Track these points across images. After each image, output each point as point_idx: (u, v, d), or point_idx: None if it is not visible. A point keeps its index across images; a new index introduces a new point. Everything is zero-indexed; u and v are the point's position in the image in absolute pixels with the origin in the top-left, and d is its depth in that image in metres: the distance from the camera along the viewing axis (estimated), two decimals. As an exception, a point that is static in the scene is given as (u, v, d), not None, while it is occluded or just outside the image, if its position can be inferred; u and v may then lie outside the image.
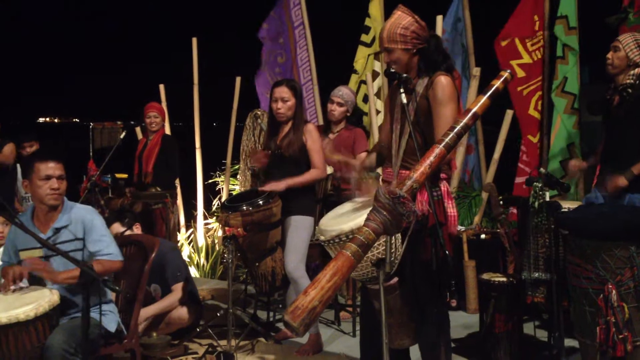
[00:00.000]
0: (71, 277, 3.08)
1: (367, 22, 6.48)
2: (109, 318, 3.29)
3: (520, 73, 5.65)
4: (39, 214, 3.27)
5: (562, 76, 5.37)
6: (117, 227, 4.22)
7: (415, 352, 3.13)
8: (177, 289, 4.29)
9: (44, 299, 2.94)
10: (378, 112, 6.04)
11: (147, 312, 4.14)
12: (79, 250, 3.20)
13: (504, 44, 5.64)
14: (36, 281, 3.24)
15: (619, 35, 4.14)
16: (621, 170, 3.76)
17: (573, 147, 5.34)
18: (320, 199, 4.61)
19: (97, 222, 3.28)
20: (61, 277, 3.10)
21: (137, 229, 4.39)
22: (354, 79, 6.44)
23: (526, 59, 5.68)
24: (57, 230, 3.21)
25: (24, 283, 3.27)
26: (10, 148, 5.71)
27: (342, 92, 4.95)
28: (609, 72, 4.07)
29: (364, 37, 6.49)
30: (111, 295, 3.40)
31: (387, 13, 6.12)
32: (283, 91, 4.15)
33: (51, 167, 3.18)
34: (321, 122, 6.43)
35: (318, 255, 4.73)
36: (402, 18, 2.98)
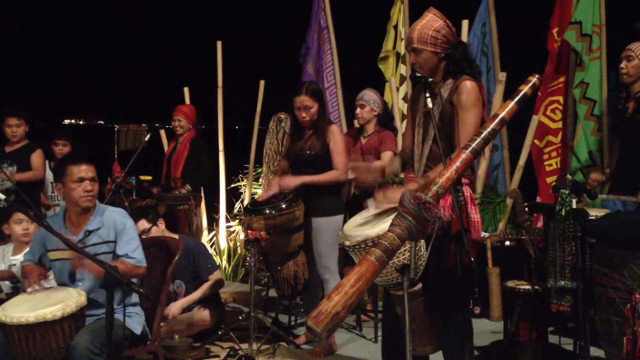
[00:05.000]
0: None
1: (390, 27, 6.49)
2: (135, 320, 3.31)
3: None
4: (72, 216, 3.29)
5: (578, 82, 5.33)
6: (144, 224, 4.28)
7: (436, 358, 3.11)
8: (214, 278, 4.35)
9: (71, 299, 2.97)
10: (404, 116, 6.02)
11: (192, 297, 4.23)
12: (110, 253, 3.22)
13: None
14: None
15: (630, 44, 4.19)
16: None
17: (592, 154, 5.29)
18: (344, 202, 4.60)
19: (128, 225, 3.30)
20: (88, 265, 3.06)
21: (161, 225, 4.44)
22: (387, 88, 6.45)
23: (549, 71, 5.66)
24: (89, 233, 3.24)
25: (50, 283, 3.31)
26: (38, 157, 5.63)
27: (362, 94, 5.04)
28: (624, 82, 4.15)
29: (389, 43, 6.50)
30: (137, 298, 3.42)
31: (412, 19, 6.14)
32: (305, 100, 4.12)
33: (84, 170, 3.21)
34: (344, 126, 6.43)
35: (340, 259, 4.72)
36: (434, 21, 2.96)
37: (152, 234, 4.26)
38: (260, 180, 6.82)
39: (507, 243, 4.81)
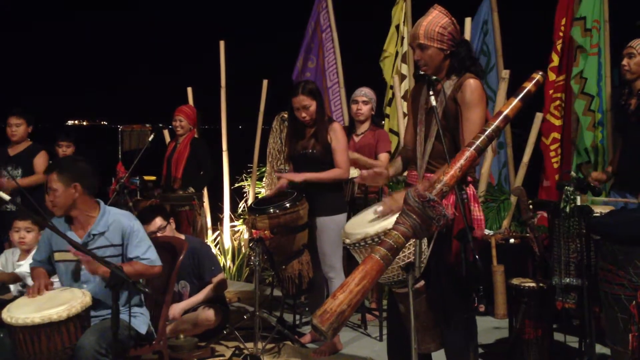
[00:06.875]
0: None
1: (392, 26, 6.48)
2: (140, 320, 3.31)
3: (552, 76, 5.61)
4: (75, 218, 3.29)
5: (574, 76, 5.33)
6: (160, 221, 4.31)
7: (440, 357, 3.10)
8: (217, 281, 4.37)
9: (76, 300, 2.98)
10: (405, 115, 6.02)
11: (194, 299, 4.26)
12: (117, 257, 3.22)
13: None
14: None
15: (632, 41, 4.19)
16: None
17: (587, 150, 5.29)
18: (347, 202, 4.60)
19: (136, 227, 3.30)
20: (102, 270, 3.07)
21: (173, 223, 4.47)
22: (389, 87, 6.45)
23: (555, 62, 5.64)
24: (93, 236, 3.24)
25: (54, 285, 3.31)
26: (42, 160, 5.55)
27: (364, 91, 5.02)
28: (626, 79, 4.17)
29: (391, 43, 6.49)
30: (142, 298, 3.42)
31: (414, 18, 6.13)
32: (302, 100, 4.12)
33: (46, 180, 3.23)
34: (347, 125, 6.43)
35: (343, 258, 4.72)
36: (441, 17, 2.96)
37: (165, 232, 4.28)
38: (264, 179, 6.83)
39: (512, 241, 4.80)
